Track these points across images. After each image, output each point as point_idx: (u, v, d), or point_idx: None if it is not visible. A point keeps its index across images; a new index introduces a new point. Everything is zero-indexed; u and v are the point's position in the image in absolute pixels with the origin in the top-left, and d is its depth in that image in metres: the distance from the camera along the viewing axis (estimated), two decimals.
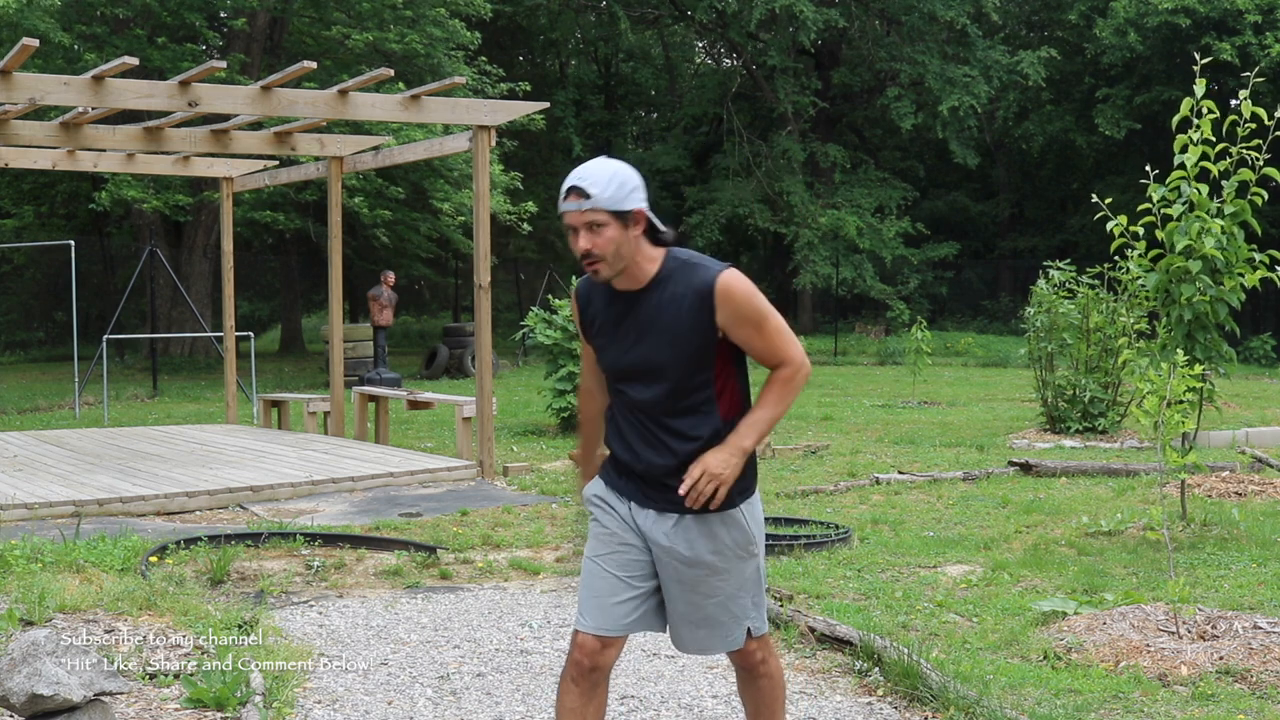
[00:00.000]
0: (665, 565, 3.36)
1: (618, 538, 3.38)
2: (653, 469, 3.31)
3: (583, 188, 3.14)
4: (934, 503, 8.81)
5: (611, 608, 3.34)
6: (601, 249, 3.16)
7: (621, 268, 3.22)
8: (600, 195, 3.14)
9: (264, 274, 34.48)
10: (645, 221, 3.23)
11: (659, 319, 3.23)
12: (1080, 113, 32.65)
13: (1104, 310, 12.41)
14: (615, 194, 3.15)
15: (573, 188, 3.16)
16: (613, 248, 3.17)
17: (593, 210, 3.14)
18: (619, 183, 3.16)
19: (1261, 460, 10.11)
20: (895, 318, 30.48)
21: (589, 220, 3.15)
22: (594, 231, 3.16)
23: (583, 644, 3.34)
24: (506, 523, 8.01)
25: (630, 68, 40.13)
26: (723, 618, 3.39)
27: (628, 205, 3.17)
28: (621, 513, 3.39)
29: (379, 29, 21.81)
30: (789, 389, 3.28)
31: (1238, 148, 7.37)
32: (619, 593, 3.35)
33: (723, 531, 3.33)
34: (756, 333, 3.25)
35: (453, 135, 11.37)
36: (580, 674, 3.34)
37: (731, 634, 3.42)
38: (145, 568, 6.32)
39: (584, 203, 3.14)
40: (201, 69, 9.31)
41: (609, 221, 3.15)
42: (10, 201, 27.66)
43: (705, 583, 3.34)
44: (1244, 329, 24.48)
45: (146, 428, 13.75)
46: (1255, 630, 5.14)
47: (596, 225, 3.15)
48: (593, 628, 3.34)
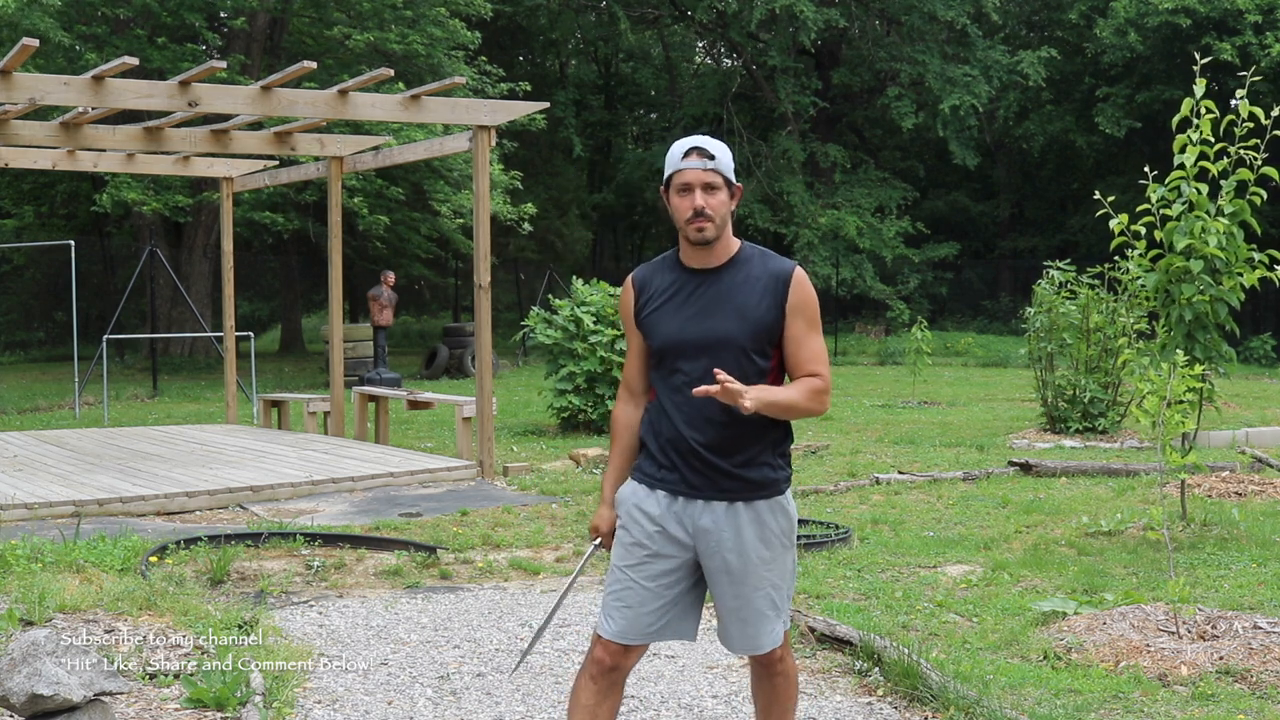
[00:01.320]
0: (713, 557, 3.34)
1: (645, 548, 3.37)
2: (700, 448, 3.30)
3: (707, 149, 3.29)
4: (934, 503, 8.81)
5: (637, 617, 3.36)
6: (714, 209, 3.29)
7: (719, 234, 3.32)
8: (722, 160, 3.30)
9: (264, 274, 34.48)
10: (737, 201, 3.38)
11: (734, 295, 3.32)
12: (1080, 113, 32.64)
13: (1104, 310, 12.41)
14: (729, 163, 3.33)
15: (695, 148, 3.30)
16: (722, 211, 3.31)
17: (714, 171, 3.29)
18: (730, 156, 3.35)
19: (1261, 460, 10.11)
20: (895, 318, 30.47)
21: (708, 180, 3.29)
22: (709, 192, 3.29)
23: (607, 647, 3.36)
24: (506, 523, 8.01)
25: (630, 68, 40.13)
26: (769, 611, 3.40)
27: (734, 179, 3.36)
28: (655, 515, 3.36)
29: (379, 29, 21.80)
30: (814, 398, 3.31)
31: (1236, 148, 7.38)
32: (646, 604, 3.36)
33: (770, 518, 3.35)
34: (809, 330, 3.34)
35: (453, 135, 11.38)
36: (600, 672, 3.36)
37: (775, 629, 3.42)
38: (145, 568, 6.32)
39: (707, 162, 3.29)
40: (201, 69, 9.31)
41: (723, 186, 3.31)
42: (10, 201, 27.66)
43: (755, 573, 3.35)
44: (1244, 329, 24.49)
45: (146, 428, 13.75)
46: (1255, 630, 5.14)
47: (713, 187, 3.29)
48: (616, 634, 3.36)
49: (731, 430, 3.30)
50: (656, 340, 3.37)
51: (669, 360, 3.36)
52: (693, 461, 3.32)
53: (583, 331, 12.90)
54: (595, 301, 13.15)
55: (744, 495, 3.33)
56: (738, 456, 3.32)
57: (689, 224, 3.28)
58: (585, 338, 12.88)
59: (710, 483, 3.32)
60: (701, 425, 3.31)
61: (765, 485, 3.35)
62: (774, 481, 3.36)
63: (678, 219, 3.32)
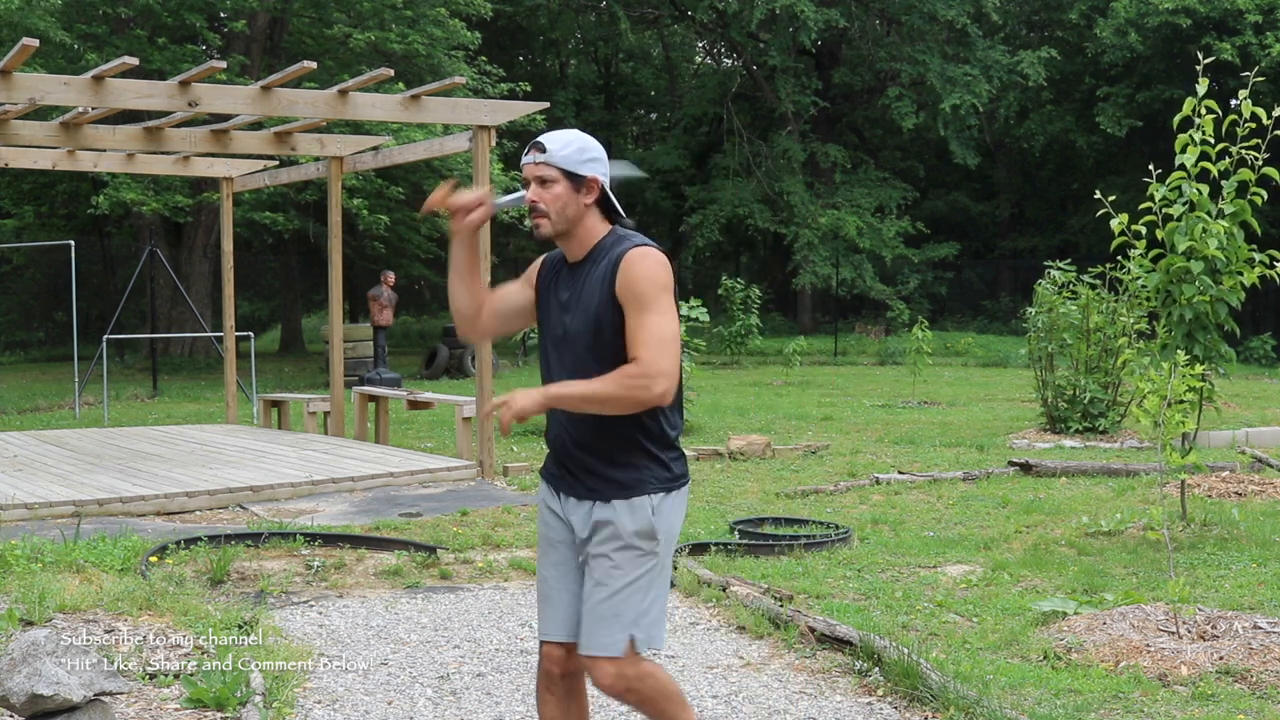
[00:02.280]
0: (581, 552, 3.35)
1: (550, 540, 3.40)
2: (569, 445, 3.31)
3: (542, 142, 3.25)
4: (934, 503, 8.81)
5: (557, 611, 3.35)
6: (547, 204, 3.24)
7: (564, 229, 3.27)
8: (555, 153, 3.23)
9: (264, 274, 34.48)
10: (599, 192, 3.27)
11: (586, 289, 3.26)
12: (1081, 112, 32.65)
13: (1104, 310, 12.41)
14: (571, 155, 3.24)
15: (535, 142, 3.27)
16: (558, 205, 3.24)
17: (546, 165, 3.24)
18: (577, 147, 3.25)
19: (1261, 460, 10.11)
20: (895, 318, 30.47)
21: (540, 174, 3.24)
22: (544, 186, 3.24)
23: (548, 653, 3.36)
24: (506, 523, 8.01)
25: (630, 68, 40.12)
26: (606, 613, 3.24)
27: (582, 170, 3.25)
28: (555, 509, 3.39)
29: (379, 29, 21.80)
30: (624, 384, 3.11)
31: (1237, 148, 7.38)
32: (560, 595, 3.36)
33: (626, 518, 3.24)
34: (638, 312, 3.15)
35: (453, 135, 11.37)
36: (551, 682, 3.35)
37: (613, 635, 3.23)
38: (145, 568, 6.32)
39: (539, 156, 3.24)
40: (201, 69, 9.31)
41: (559, 179, 3.23)
42: (10, 201, 27.65)
43: (600, 569, 3.26)
44: (1244, 329, 24.47)
45: (146, 428, 13.75)
46: (1255, 630, 5.14)
47: (547, 181, 3.24)
48: (549, 634, 3.36)
49: (595, 426, 3.25)
50: (540, 336, 3.40)
51: (544, 355, 3.37)
52: (564, 459, 3.34)
53: None
54: None
55: (605, 495, 3.26)
56: (604, 455, 3.26)
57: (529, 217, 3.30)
58: None
59: (579, 480, 3.30)
60: (573, 421, 3.29)
61: (628, 485, 3.26)
62: (638, 482, 3.25)
63: None
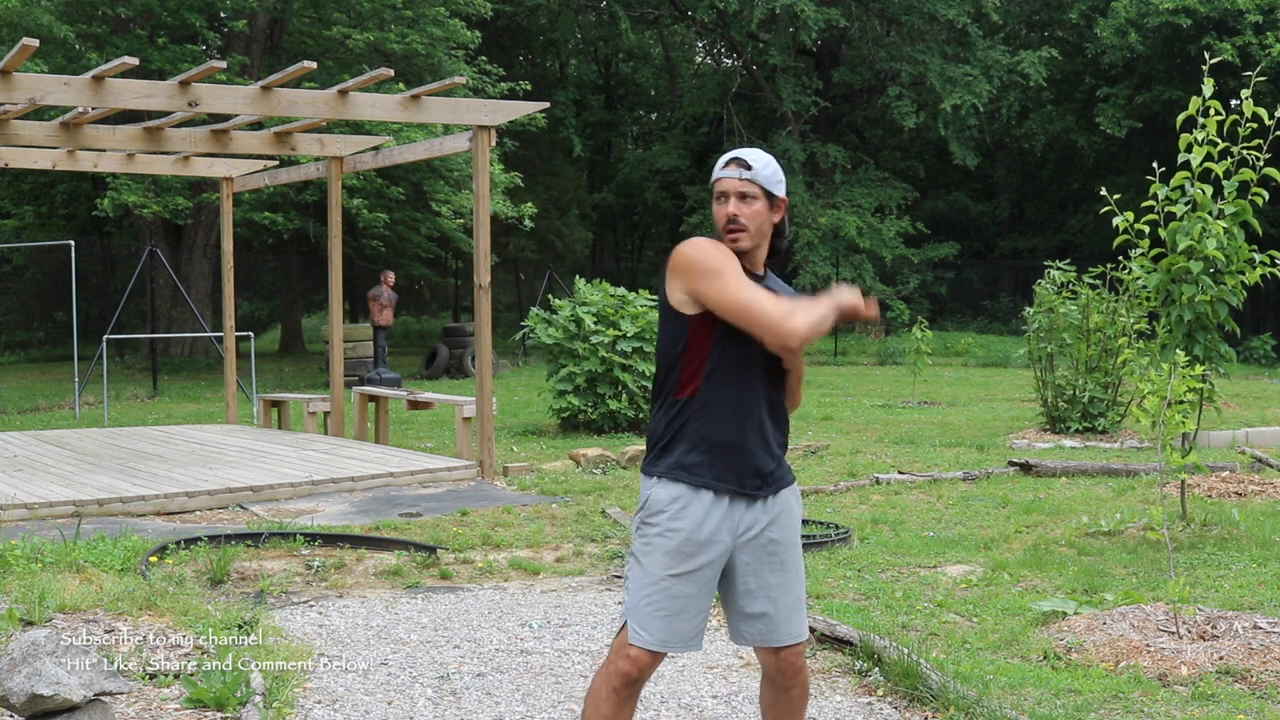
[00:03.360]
0: (759, 551, 3.37)
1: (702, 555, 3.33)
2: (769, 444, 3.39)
3: (745, 159, 3.36)
4: (934, 503, 8.81)
5: (682, 626, 3.34)
6: (748, 219, 3.34)
7: (755, 245, 3.37)
8: (759, 171, 3.35)
9: (264, 274, 34.48)
10: (784, 215, 3.42)
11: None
12: (1081, 113, 32.64)
13: (1104, 310, 12.41)
14: (771, 175, 3.37)
15: (735, 158, 3.36)
16: (757, 222, 3.35)
17: (750, 181, 3.34)
18: (774, 169, 3.40)
19: (1261, 460, 10.10)
20: (895, 318, 30.46)
21: (743, 190, 3.34)
22: (744, 201, 3.34)
23: (638, 658, 3.33)
24: (506, 523, 8.01)
25: (630, 68, 40.12)
26: (800, 599, 3.48)
27: (778, 190, 3.39)
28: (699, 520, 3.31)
29: (379, 29, 21.80)
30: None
31: (1239, 148, 7.37)
32: (687, 610, 3.34)
33: (795, 505, 3.46)
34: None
35: (453, 135, 11.37)
36: (625, 684, 3.34)
37: (804, 619, 3.50)
38: (145, 568, 6.32)
39: (744, 172, 3.35)
40: (202, 69, 9.30)
41: (760, 196, 3.35)
42: (10, 201, 27.66)
43: (794, 558, 3.44)
44: (1244, 329, 24.46)
45: (146, 428, 13.75)
46: (1255, 630, 5.14)
47: (748, 196, 3.34)
48: (656, 644, 3.32)
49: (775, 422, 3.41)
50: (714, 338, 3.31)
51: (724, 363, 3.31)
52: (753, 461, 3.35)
53: (583, 331, 12.89)
54: (596, 301, 13.14)
55: (782, 484, 3.43)
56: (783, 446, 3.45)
57: (724, 231, 3.35)
58: (586, 338, 12.88)
59: (764, 480, 3.37)
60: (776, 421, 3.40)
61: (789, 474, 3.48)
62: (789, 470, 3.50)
63: (718, 226, 3.38)
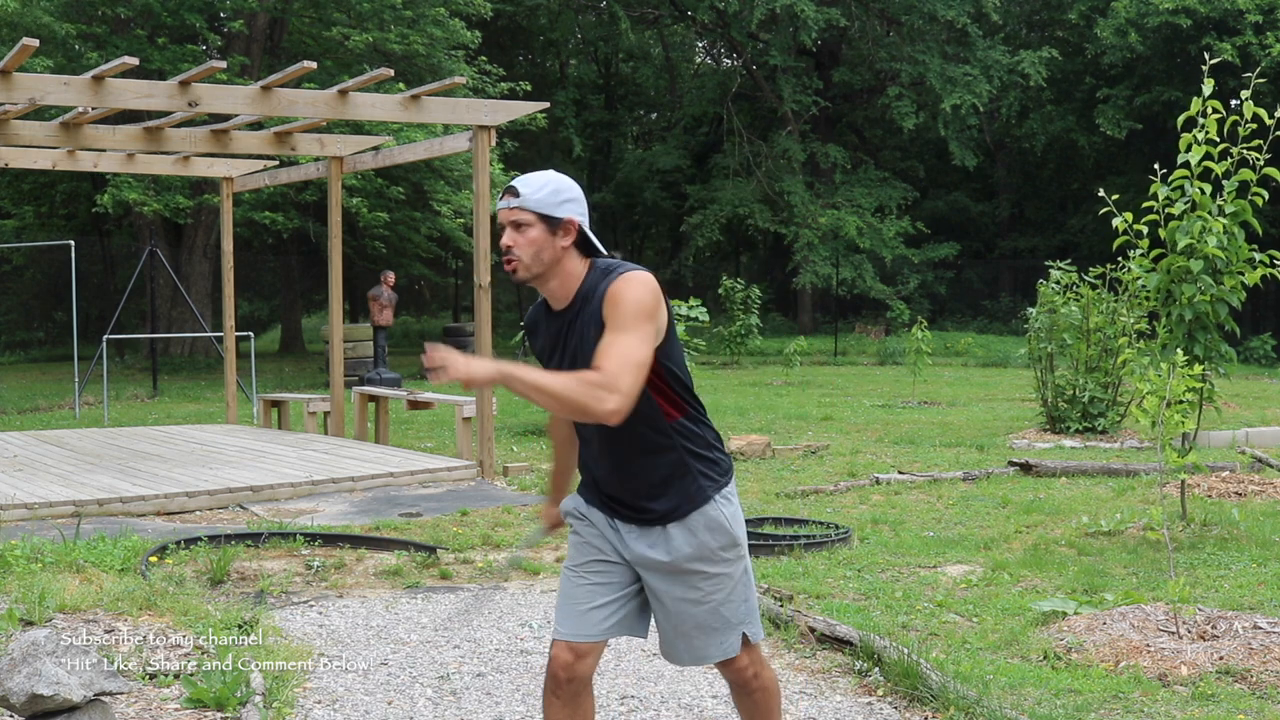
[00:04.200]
0: (652, 577, 3.33)
1: (594, 546, 3.38)
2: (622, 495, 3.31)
3: (516, 186, 3.19)
4: (934, 503, 8.81)
5: (587, 614, 3.32)
6: (521, 248, 3.16)
7: (540, 272, 3.19)
8: (529, 196, 3.16)
9: (264, 274, 34.48)
10: (576, 233, 3.19)
11: (584, 335, 3.17)
12: (1081, 113, 32.64)
13: (1104, 310, 12.41)
14: (545, 198, 3.17)
15: (509, 187, 3.21)
16: (533, 250, 3.16)
17: (520, 209, 3.17)
18: (552, 189, 3.18)
19: (1261, 460, 10.10)
20: (895, 318, 30.47)
21: (514, 219, 3.17)
22: (518, 230, 3.17)
23: (557, 656, 3.33)
24: (506, 523, 8.00)
25: (630, 68, 40.13)
26: (715, 623, 3.34)
27: (558, 213, 3.17)
28: (598, 522, 3.38)
29: (379, 29, 21.80)
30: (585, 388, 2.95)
31: (1239, 148, 7.37)
32: (595, 598, 3.33)
33: (706, 535, 3.28)
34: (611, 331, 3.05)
35: (453, 135, 11.37)
36: (558, 686, 3.33)
37: (726, 640, 3.37)
38: (145, 568, 6.32)
39: (512, 200, 3.17)
40: (202, 69, 9.31)
41: (534, 223, 3.16)
42: (10, 201, 27.66)
43: (695, 588, 3.31)
44: (1244, 329, 24.47)
45: (146, 428, 13.75)
46: (1255, 630, 5.14)
47: (521, 225, 3.17)
48: (568, 634, 3.32)
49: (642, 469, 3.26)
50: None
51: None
52: (617, 498, 3.33)
53: None
54: None
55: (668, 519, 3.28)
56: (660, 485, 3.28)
57: (505, 263, 3.22)
58: None
59: (638, 512, 3.31)
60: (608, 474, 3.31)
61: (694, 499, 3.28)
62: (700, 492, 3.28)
63: None
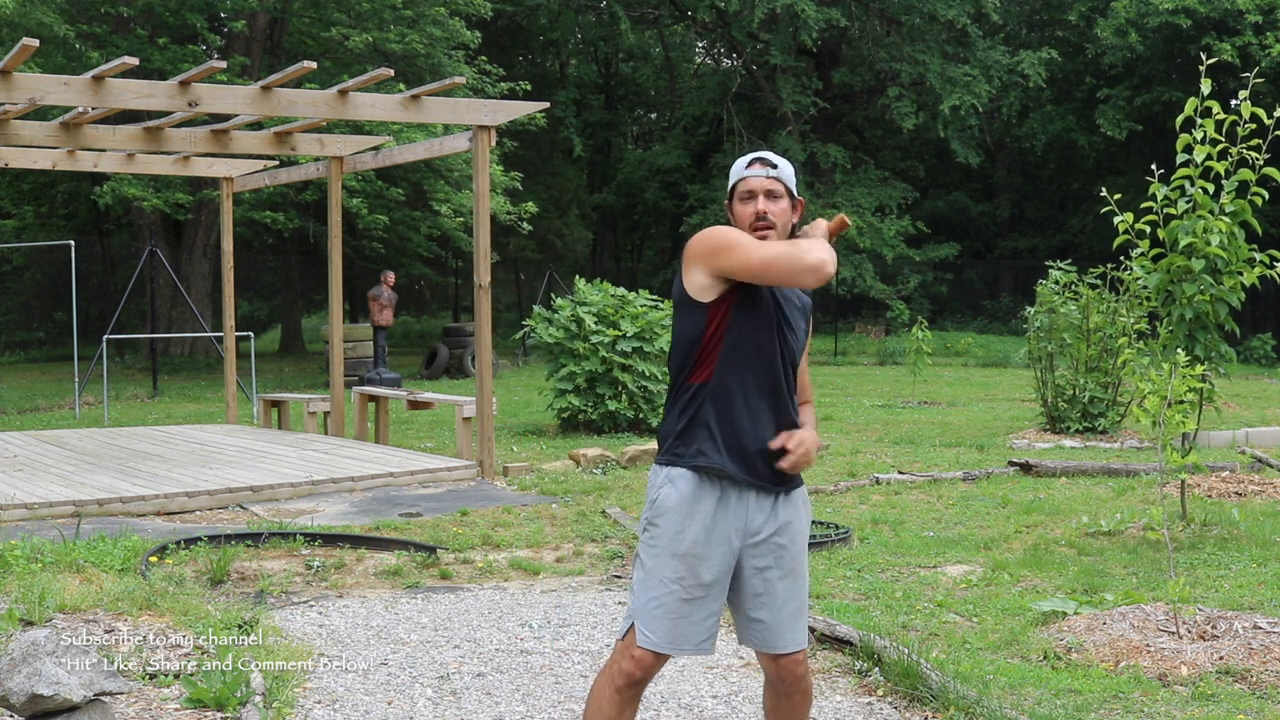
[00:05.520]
0: (766, 556, 3.34)
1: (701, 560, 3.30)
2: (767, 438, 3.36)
3: (769, 159, 3.42)
4: (934, 503, 8.81)
5: (689, 629, 3.31)
6: (775, 216, 3.37)
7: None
8: (784, 170, 3.43)
9: (264, 274, 34.48)
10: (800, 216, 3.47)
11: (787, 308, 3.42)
12: (1081, 113, 32.63)
13: (1105, 310, 12.41)
14: (791, 175, 3.46)
15: (759, 158, 3.40)
16: (784, 220, 3.40)
17: (776, 179, 3.40)
18: (791, 170, 3.47)
19: (1261, 460, 10.10)
20: (895, 318, 30.47)
21: (770, 188, 3.39)
22: (772, 199, 3.39)
23: (642, 659, 3.31)
24: (506, 523, 8.01)
25: (630, 68, 40.13)
26: (803, 607, 3.45)
27: (796, 192, 3.47)
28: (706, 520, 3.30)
29: (379, 29, 21.80)
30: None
31: (1238, 148, 7.38)
32: (695, 613, 3.31)
33: (805, 511, 3.44)
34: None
35: (453, 135, 11.37)
36: (629, 684, 3.33)
37: (804, 628, 3.47)
38: (145, 568, 6.32)
39: (770, 170, 3.40)
40: (202, 69, 9.30)
41: (784, 195, 3.41)
42: (10, 201, 27.67)
43: (800, 565, 3.41)
44: (1244, 329, 24.49)
45: (146, 428, 13.75)
46: (1255, 630, 5.14)
47: (775, 195, 3.40)
48: (663, 645, 3.30)
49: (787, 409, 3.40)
50: (731, 323, 3.32)
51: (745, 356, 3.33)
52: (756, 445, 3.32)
53: (584, 331, 12.89)
54: (596, 301, 13.14)
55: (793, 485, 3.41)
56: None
57: (752, 229, 3.35)
58: (586, 338, 12.88)
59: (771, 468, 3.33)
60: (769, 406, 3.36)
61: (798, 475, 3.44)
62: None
63: (741, 227, 3.37)
